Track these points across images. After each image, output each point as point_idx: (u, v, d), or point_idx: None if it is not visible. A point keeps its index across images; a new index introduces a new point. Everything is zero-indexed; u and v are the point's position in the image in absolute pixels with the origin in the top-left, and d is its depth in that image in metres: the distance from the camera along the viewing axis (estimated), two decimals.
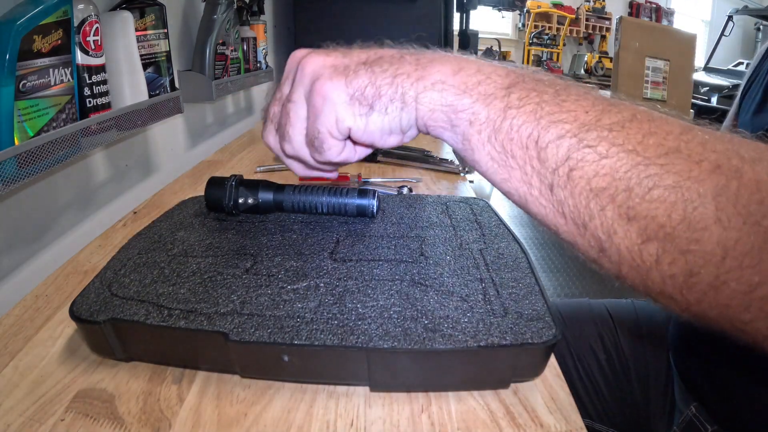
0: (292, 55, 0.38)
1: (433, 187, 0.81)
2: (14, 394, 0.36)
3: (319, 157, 0.37)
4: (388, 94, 0.32)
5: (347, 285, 0.41)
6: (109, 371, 0.38)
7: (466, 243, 0.49)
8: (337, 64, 0.35)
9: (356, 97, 0.33)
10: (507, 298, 0.40)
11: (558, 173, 0.27)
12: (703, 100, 3.65)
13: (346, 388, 0.37)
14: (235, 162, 0.94)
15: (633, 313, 0.74)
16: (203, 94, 0.95)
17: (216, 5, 0.93)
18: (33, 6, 0.47)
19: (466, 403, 0.36)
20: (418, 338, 0.34)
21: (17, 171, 0.46)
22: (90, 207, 0.72)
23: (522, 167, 0.29)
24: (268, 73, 1.30)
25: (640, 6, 5.61)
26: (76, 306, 0.38)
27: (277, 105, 0.39)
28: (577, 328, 0.73)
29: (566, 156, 0.27)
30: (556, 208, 0.29)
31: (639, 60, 2.73)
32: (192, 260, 0.45)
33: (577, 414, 0.35)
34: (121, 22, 0.66)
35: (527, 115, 0.28)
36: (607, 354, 0.70)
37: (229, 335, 0.35)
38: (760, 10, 4.45)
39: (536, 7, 4.96)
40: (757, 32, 5.28)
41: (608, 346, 0.70)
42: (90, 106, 0.59)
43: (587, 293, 2.01)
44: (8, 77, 0.45)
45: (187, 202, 0.60)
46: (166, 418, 0.34)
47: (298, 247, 0.48)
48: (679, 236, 0.24)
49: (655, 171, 0.25)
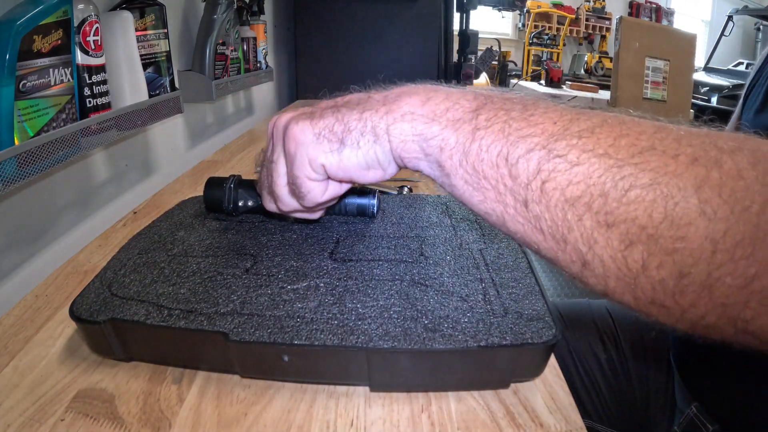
0: (270, 124, 0.40)
1: (433, 187, 0.81)
2: (14, 394, 0.36)
3: (305, 202, 0.37)
4: (358, 129, 0.33)
5: (347, 285, 0.41)
6: (109, 371, 0.38)
7: (466, 243, 0.49)
8: (305, 112, 0.37)
9: (324, 135, 0.34)
10: (507, 298, 0.40)
11: (531, 188, 0.27)
12: (703, 100, 3.65)
13: (346, 388, 0.37)
14: (235, 162, 0.94)
15: (633, 313, 0.73)
16: (203, 94, 0.95)
17: (216, 5, 0.93)
18: (33, 6, 0.47)
19: (466, 403, 0.36)
20: (418, 338, 0.34)
21: (17, 171, 0.46)
22: (90, 207, 0.72)
23: (495, 187, 0.29)
24: (268, 73, 1.30)
25: (640, 6, 5.61)
26: (76, 306, 0.38)
27: (264, 170, 0.41)
28: (577, 329, 0.73)
29: (537, 169, 0.27)
30: (533, 225, 0.28)
31: (639, 60, 2.73)
32: (192, 260, 0.45)
33: (577, 414, 0.35)
34: (121, 22, 0.66)
35: (495, 134, 0.28)
36: (607, 354, 0.70)
37: (229, 335, 0.35)
38: (760, 10, 4.45)
39: (536, 7, 4.96)
40: (757, 32, 5.28)
41: (608, 346, 0.70)
42: (90, 106, 0.59)
43: (587, 293, 2.01)
44: (8, 77, 0.45)
45: (187, 202, 0.60)
46: (166, 418, 0.34)
47: (298, 247, 0.48)
48: (663, 236, 0.23)
49: (630, 171, 0.24)
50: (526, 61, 5.01)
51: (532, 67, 5.00)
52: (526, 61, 5.01)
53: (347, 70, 1.76)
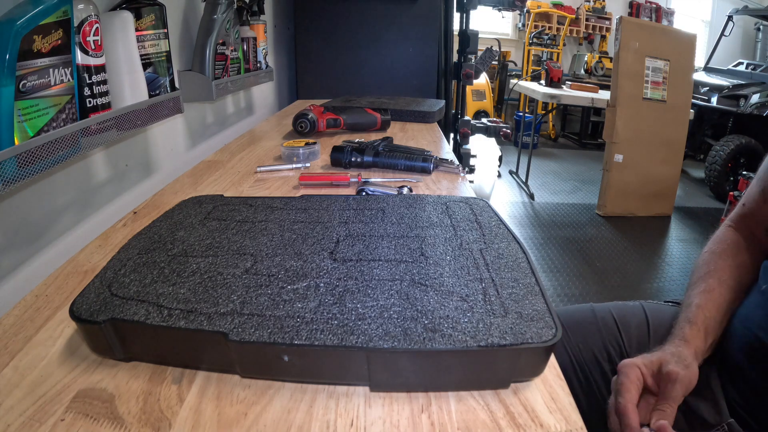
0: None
1: (433, 187, 0.81)
2: (14, 394, 0.35)
3: None
4: None
5: (347, 285, 0.41)
6: (109, 371, 0.38)
7: (466, 243, 0.49)
8: None
9: None
10: (507, 298, 0.40)
11: None
12: (703, 100, 3.64)
13: (346, 388, 0.37)
14: (236, 162, 0.94)
15: (642, 318, 0.69)
16: (203, 94, 0.95)
17: (216, 5, 0.93)
18: (33, 6, 0.47)
19: (466, 403, 0.36)
20: (418, 338, 0.34)
21: (17, 171, 0.46)
22: (90, 207, 0.72)
23: None
24: (268, 73, 1.30)
25: (640, 6, 5.60)
26: (76, 306, 0.38)
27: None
28: (580, 338, 0.68)
29: None
30: None
31: (639, 60, 2.73)
32: (192, 260, 0.45)
33: (578, 414, 0.35)
34: (121, 22, 0.66)
35: None
36: (612, 364, 0.65)
37: (229, 335, 0.35)
38: (760, 10, 4.44)
39: (536, 7, 4.95)
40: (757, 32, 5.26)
41: (613, 356, 0.66)
42: (90, 106, 0.59)
43: (587, 293, 2.01)
44: (8, 77, 0.45)
45: (187, 202, 0.60)
46: (166, 418, 0.34)
47: (298, 247, 0.48)
48: None
49: None
50: (526, 61, 5.01)
51: (532, 67, 5.00)
52: (526, 61, 5.00)
53: (347, 69, 1.76)
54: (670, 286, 2.13)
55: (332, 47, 1.73)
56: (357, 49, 1.74)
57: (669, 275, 2.24)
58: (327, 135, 1.15)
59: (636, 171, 2.81)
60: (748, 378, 0.54)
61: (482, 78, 4.28)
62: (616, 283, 2.13)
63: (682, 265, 2.34)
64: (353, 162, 0.88)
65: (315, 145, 0.95)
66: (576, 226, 2.74)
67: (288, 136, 1.16)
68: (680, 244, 2.62)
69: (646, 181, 2.87)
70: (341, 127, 1.16)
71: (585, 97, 3.06)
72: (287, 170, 0.89)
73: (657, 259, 2.43)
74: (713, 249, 0.66)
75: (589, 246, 2.48)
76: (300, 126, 1.10)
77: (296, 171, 0.88)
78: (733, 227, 0.68)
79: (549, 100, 3.11)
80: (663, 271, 2.29)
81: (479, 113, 4.27)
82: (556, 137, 5.23)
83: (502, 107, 5.08)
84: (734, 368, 0.56)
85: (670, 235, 2.78)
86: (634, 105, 2.75)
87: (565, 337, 0.69)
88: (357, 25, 1.72)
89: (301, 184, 0.80)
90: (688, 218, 3.03)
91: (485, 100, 4.39)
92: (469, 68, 1.77)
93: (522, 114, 4.15)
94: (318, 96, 1.70)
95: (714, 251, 0.65)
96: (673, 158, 2.91)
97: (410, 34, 1.74)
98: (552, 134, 5.23)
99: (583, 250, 2.42)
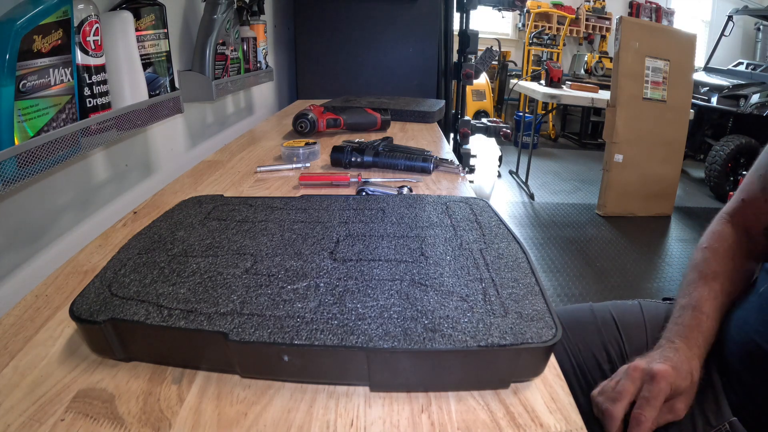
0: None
1: (433, 187, 0.81)
2: (14, 394, 0.35)
3: None
4: None
5: (347, 285, 0.41)
6: (109, 371, 0.38)
7: (466, 243, 0.49)
8: None
9: None
10: (507, 298, 0.40)
11: None
12: (703, 100, 3.64)
13: (346, 388, 0.37)
14: (236, 162, 0.94)
15: (640, 317, 0.69)
16: (203, 94, 0.95)
17: (216, 5, 0.93)
18: (33, 6, 0.47)
19: (466, 403, 0.36)
20: (418, 338, 0.34)
21: (17, 171, 0.46)
22: (90, 207, 0.72)
23: None
24: (268, 73, 1.30)
25: (640, 6, 5.60)
26: (76, 306, 0.38)
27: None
28: (579, 338, 0.68)
29: None
30: None
31: (639, 60, 2.73)
32: (192, 260, 0.45)
33: (578, 414, 0.35)
34: (121, 22, 0.66)
35: None
36: (611, 365, 0.65)
37: (228, 335, 0.35)
38: (760, 10, 4.44)
39: (536, 7, 4.95)
40: (757, 32, 5.26)
41: (613, 356, 0.66)
42: (90, 106, 0.59)
43: (587, 293, 2.01)
44: (8, 77, 0.45)
45: (187, 202, 0.60)
46: (166, 418, 0.34)
47: (298, 247, 0.48)
48: None
49: None
50: (526, 61, 5.01)
51: (532, 67, 5.00)
52: (526, 61, 5.00)
53: (347, 69, 1.76)
54: (670, 286, 2.13)
55: (332, 47, 1.73)
56: (357, 50, 1.74)
57: (669, 275, 2.24)
58: (327, 135, 1.15)
59: (636, 171, 2.81)
60: (745, 382, 0.54)
61: (482, 78, 4.28)
62: (616, 282, 2.13)
63: (682, 265, 2.34)
64: (353, 162, 0.89)
65: (315, 145, 0.95)
66: (576, 226, 2.74)
67: (288, 136, 1.16)
68: (680, 244, 2.62)
69: (646, 181, 2.87)
70: (341, 127, 1.16)
71: (585, 97, 3.06)
72: (287, 170, 0.89)
73: (657, 259, 2.43)
74: (713, 246, 0.66)
75: (589, 246, 2.48)
76: (300, 126, 1.10)
77: (296, 171, 0.88)
78: (730, 222, 0.68)
79: (549, 100, 3.11)
80: (663, 271, 2.29)
81: (479, 113, 4.27)
82: (556, 137, 5.23)
83: (502, 107, 5.08)
84: (731, 373, 0.56)
85: (670, 235, 2.78)
86: (634, 105, 2.75)
87: (565, 337, 0.69)
88: (357, 25, 1.72)
89: (301, 184, 0.80)
90: (688, 218, 3.03)
91: (485, 100, 4.39)
92: (469, 68, 1.77)
93: (522, 114, 4.15)
94: (318, 96, 1.70)
95: (715, 249, 0.65)
96: (673, 158, 2.91)
97: (410, 34, 1.74)
98: (552, 134, 5.23)
99: (583, 250, 2.43)
